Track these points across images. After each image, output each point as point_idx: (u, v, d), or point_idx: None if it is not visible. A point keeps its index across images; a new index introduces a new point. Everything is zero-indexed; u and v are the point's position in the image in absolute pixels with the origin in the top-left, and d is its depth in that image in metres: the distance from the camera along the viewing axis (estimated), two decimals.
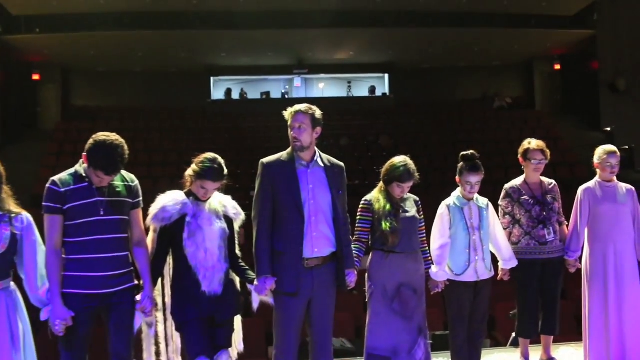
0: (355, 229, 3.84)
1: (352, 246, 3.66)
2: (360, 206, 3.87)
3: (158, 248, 3.36)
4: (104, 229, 3.09)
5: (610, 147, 4.25)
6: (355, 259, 3.69)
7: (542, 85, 19.80)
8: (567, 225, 4.39)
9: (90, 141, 3.08)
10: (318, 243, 3.37)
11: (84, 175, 3.11)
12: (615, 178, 4.25)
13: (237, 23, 15.36)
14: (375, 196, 3.85)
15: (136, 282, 3.28)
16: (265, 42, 16.52)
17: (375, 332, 3.71)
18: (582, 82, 18.10)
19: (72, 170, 3.16)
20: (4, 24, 15.18)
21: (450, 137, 15.07)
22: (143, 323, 3.38)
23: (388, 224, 3.70)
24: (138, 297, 3.24)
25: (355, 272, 3.59)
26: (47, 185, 3.10)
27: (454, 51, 17.86)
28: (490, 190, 4.90)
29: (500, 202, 4.37)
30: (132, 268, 3.26)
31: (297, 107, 3.43)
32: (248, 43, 16.56)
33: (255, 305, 3.46)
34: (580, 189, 4.29)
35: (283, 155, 3.47)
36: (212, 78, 19.62)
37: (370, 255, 3.88)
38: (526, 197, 4.26)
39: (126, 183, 3.24)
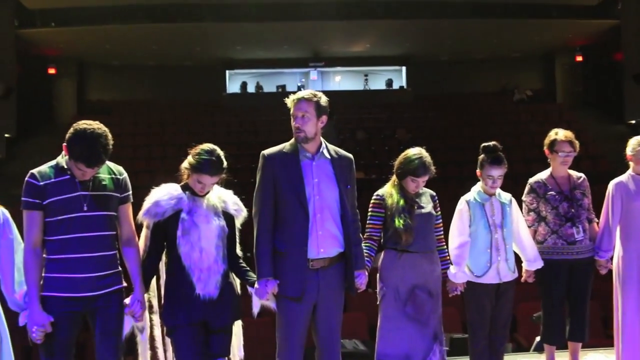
0: (367, 226, 3.54)
1: (363, 245, 3.36)
2: (372, 201, 3.58)
3: (151, 246, 3.08)
4: (88, 226, 2.81)
5: None
6: (367, 258, 3.39)
7: (564, 77, 19.37)
8: (597, 223, 4.04)
9: (71, 130, 2.80)
10: (324, 242, 3.08)
11: (65, 167, 2.84)
12: None
13: (252, 15, 15.13)
14: (388, 191, 3.56)
15: (125, 284, 3.01)
16: (281, 34, 16.28)
17: (387, 338, 3.42)
18: (605, 73, 17.70)
19: (53, 162, 2.88)
20: (20, 18, 15.06)
21: (468, 131, 14.69)
22: (135, 328, 3.12)
23: (402, 220, 3.41)
24: (127, 301, 2.96)
25: (366, 274, 3.30)
26: (26, 178, 2.83)
27: (472, 43, 17.49)
28: (511, 185, 4.59)
29: (524, 198, 4.04)
30: (120, 269, 3.00)
31: (300, 94, 3.14)
32: (263, 36, 16.32)
33: (255, 310, 3.18)
34: (612, 183, 3.95)
35: (286, 146, 3.17)
36: (227, 71, 19.44)
37: (382, 254, 3.57)
38: (553, 193, 3.92)
39: (113, 176, 2.95)
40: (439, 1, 15.53)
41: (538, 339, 5.01)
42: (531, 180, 4.04)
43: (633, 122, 15.44)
